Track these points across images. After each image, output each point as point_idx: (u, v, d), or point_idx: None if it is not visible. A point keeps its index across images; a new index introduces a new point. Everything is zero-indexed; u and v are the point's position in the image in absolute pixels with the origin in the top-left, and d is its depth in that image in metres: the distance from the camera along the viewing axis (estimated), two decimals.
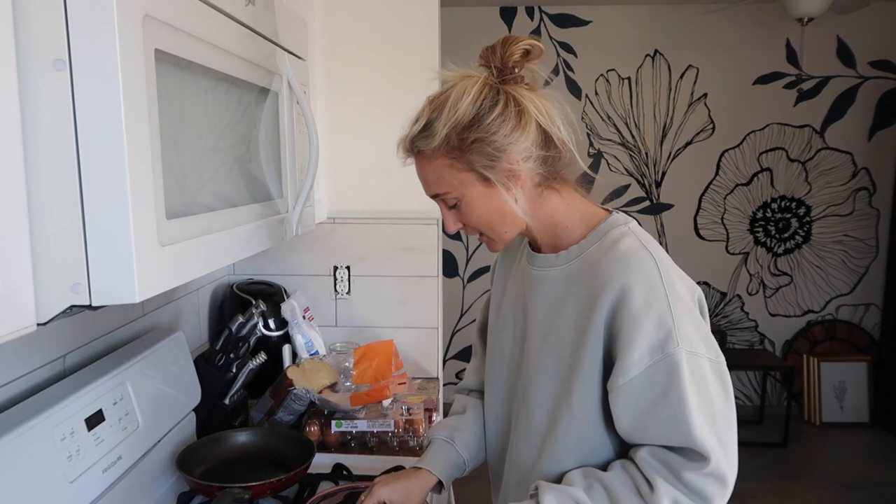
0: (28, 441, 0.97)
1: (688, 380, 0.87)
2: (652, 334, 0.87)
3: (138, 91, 0.71)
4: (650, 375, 0.88)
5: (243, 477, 1.29)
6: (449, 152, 0.93)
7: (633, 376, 0.88)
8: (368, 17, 1.88)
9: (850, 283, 4.19)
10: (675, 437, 0.89)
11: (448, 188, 0.95)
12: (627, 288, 0.89)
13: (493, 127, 0.91)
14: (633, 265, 0.90)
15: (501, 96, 0.92)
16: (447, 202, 0.98)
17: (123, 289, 0.71)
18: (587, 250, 0.97)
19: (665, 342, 0.87)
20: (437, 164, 0.94)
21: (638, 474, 0.91)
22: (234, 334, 1.55)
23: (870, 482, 3.43)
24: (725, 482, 0.91)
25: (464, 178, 0.94)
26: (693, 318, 0.91)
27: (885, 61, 3.98)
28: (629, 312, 0.88)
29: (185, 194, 0.87)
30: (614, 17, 3.98)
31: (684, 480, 0.88)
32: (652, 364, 0.87)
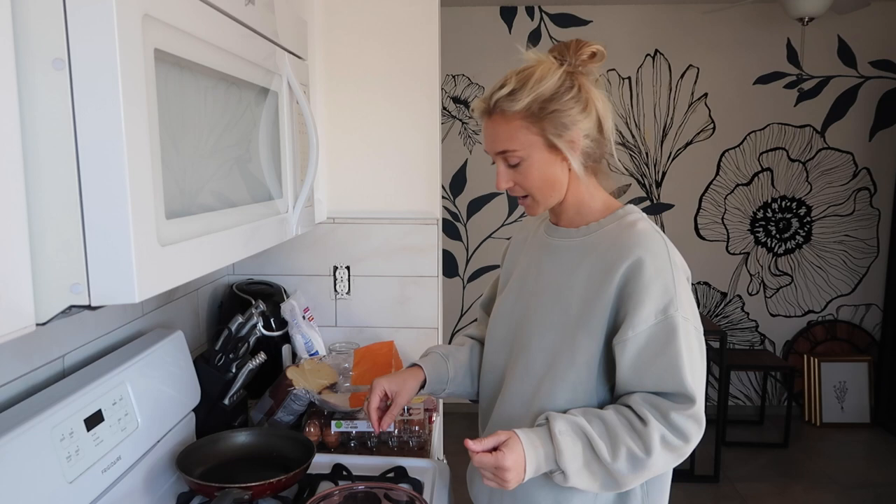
0: (27, 441, 0.97)
1: (682, 338, 1.04)
2: (658, 299, 1.05)
3: (138, 91, 0.71)
4: (654, 332, 1.05)
5: (243, 477, 1.29)
6: (527, 117, 1.07)
7: (640, 331, 1.04)
8: (368, 17, 1.88)
9: (851, 283, 4.19)
10: (669, 383, 1.05)
11: (517, 146, 1.09)
12: (641, 259, 1.06)
13: (568, 104, 1.07)
14: (648, 242, 1.07)
15: (576, 83, 1.09)
16: (510, 160, 1.11)
17: (123, 289, 0.71)
18: (605, 227, 1.14)
19: (668, 306, 1.05)
20: (515, 124, 1.08)
21: (631, 413, 1.06)
22: (233, 334, 1.55)
23: (870, 482, 3.43)
24: (701, 424, 1.06)
25: (533, 140, 1.09)
26: (688, 292, 1.09)
27: (886, 61, 3.98)
28: (641, 279, 1.05)
29: (185, 194, 0.87)
30: (614, 17, 3.98)
31: (670, 420, 1.04)
32: (656, 323, 1.05)
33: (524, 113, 1.07)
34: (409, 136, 1.93)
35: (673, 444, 1.04)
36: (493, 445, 1.03)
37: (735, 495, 3.29)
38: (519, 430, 1.06)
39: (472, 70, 4.05)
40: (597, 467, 1.05)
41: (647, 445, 1.03)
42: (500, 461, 1.01)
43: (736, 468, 3.55)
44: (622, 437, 1.04)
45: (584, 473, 1.04)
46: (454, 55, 3.99)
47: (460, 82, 4.07)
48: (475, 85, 4.07)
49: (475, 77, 4.06)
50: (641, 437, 1.03)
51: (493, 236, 4.17)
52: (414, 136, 1.93)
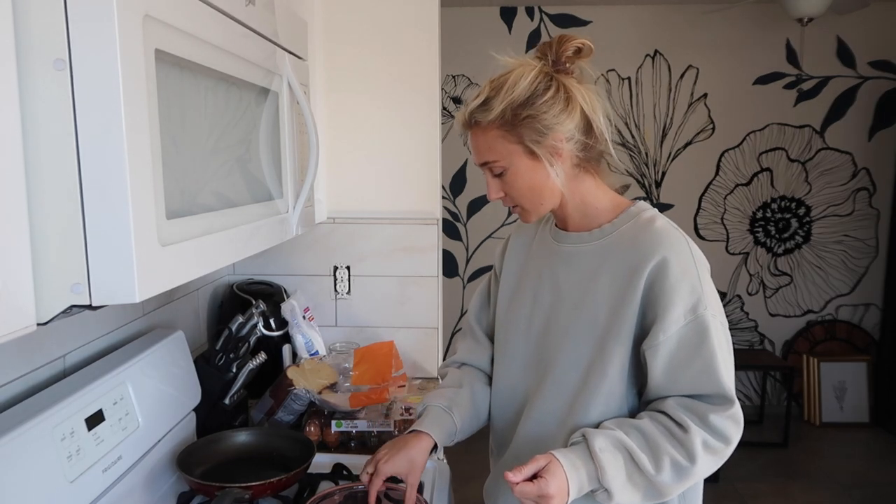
0: (28, 441, 0.97)
1: (714, 337, 1.01)
2: (686, 299, 1.02)
3: (138, 91, 0.72)
4: (685, 333, 1.02)
5: (243, 477, 1.29)
6: (502, 125, 1.05)
7: (670, 334, 1.01)
8: (368, 17, 1.88)
9: (850, 283, 4.19)
10: (706, 386, 1.02)
11: (497, 157, 1.08)
12: (666, 259, 1.03)
13: (543, 108, 1.04)
14: (670, 241, 1.05)
15: (553, 83, 1.05)
16: (493, 170, 1.09)
17: (123, 289, 0.71)
18: (620, 228, 1.10)
19: (696, 305, 1.02)
20: (491, 135, 1.07)
21: (668, 420, 1.02)
22: (234, 334, 1.55)
23: (870, 482, 3.43)
24: (740, 424, 1.04)
25: (513, 149, 1.06)
26: (712, 288, 1.07)
27: (885, 61, 3.98)
28: (668, 280, 1.02)
29: (185, 194, 0.87)
30: (614, 17, 3.98)
31: (710, 423, 1.01)
32: (686, 324, 1.01)
33: (499, 122, 1.05)
34: (410, 136, 1.93)
35: (715, 448, 1.01)
36: (534, 472, 0.97)
37: (735, 495, 3.29)
38: (557, 453, 1.00)
39: (472, 70, 4.05)
40: (640, 480, 1.01)
41: (690, 453, 1.00)
42: (543, 489, 0.95)
43: (736, 468, 3.55)
44: (664, 447, 1.00)
45: (627, 488, 1.01)
46: (454, 55, 3.99)
47: (460, 82, 4.08)
48: (475, 85, 4.07)
49: (475, 77, 4.06)
50: (683, 445, 1.00)
51: (493, 236, 4.17)
52: (414, 136, 1.93)
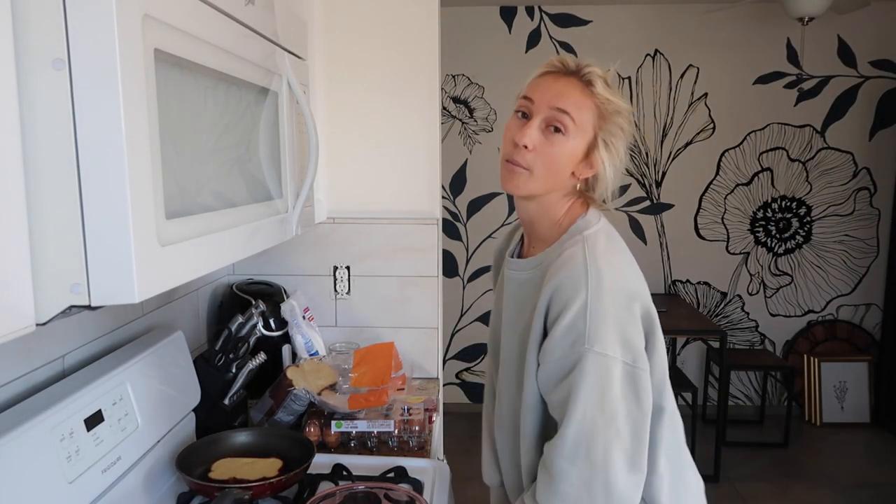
0: (27, 441, 0.97)
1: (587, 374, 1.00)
2: (567, 334, 1.01)
3: (138, 91, 0.71)
4: (560, 363, 1.03)
5: (243, 477, 1.29)
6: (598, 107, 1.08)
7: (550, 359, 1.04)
8: (368, 17, 1.88)
9: (851, 283, 4.19)
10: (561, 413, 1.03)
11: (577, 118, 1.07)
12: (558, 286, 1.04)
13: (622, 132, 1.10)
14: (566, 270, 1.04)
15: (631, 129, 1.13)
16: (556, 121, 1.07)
17: (123, 289, 0.71)
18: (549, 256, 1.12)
19: (575, 342, 1.01)
20: (590, 102, 1.08)
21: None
22: (233, 334, 1.55)
23: (870, 482, 3.43)
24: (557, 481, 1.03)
25: (586, 128, 1.08)
26: (617, 324, 1.02)
27: (886, 61, 3.98)
28: (554, 311, 1.04)
29: (185, 194, 0.87)
30: (614, 16, 3.98)
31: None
32: (562, 356, 1.03)
33: (598, 101, 1.07)
34: (410, 136, 1.93)
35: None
36: None
37: (735, 495, 3.29)
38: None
39: (472, 70, 4.05)
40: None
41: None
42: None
43: (736, 468, 3.55)
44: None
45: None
46: (454, 55, 3.98)
47: (460, 82, 4.07)
48: (475, 85, 4.07)
49: (475, 77, 4.06)
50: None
51: (493, 236, 4.16)
52: (414, 136, 1.93)
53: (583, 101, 1.07)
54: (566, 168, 1.09)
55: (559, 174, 1.09)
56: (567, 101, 1.06)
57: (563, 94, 1.07)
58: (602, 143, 1.08)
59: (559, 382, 1.03)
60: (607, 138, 1.08)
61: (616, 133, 1.09)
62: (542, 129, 1.07)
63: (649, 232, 4.18)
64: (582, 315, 1.00)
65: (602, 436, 1.00)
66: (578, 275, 1.02)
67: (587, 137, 1.08)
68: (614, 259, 1.08)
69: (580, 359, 1.00)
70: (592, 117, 1.07)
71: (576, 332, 1.00)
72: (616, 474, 1.00)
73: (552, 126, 1.06)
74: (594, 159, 1.09)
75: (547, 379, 1.06)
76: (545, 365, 1.05)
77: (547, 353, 1.04)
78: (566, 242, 1.10)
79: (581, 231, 1.10)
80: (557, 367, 1.03)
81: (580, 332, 1.00)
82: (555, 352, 1.03)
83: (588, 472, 1.00)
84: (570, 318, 1.01)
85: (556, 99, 1.07)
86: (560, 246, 1.10)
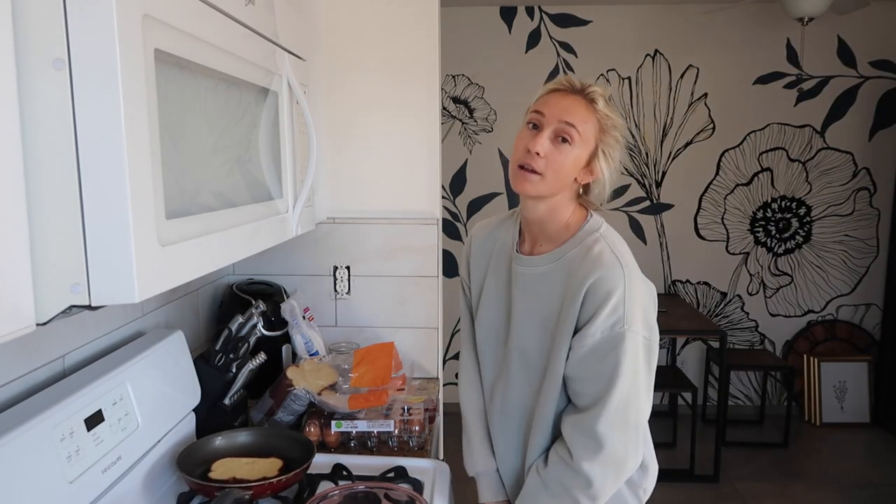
0: (28, 441, 0.97)
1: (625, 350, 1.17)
2: (608, 317, 1.17)
3: (138, 91, 0.71)
4: (600, 342, 1.18)
5: (243, 477, 1.29)
6: (599, 122, 1.22)
7: (588, 342, 1.19)
8: (368, 17, 1.88)
9: (851, 283, 4.19)
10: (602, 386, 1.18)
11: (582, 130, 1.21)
12: (596, 282, 1.18)
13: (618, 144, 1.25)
14: (603, 266, 1.19)
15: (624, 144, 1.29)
16: (564, 134, 1.20)
17: (123, 289, 0.71)
18: (567, 253, 1.25)
19: (615, 324, 1.17)
20: (593, 117, 1.22)
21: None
22: (233, 334, 1.55)
23: (870, 482, 3.43)
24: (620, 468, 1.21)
25: (590, 139, 1.22)
26: (642, 307, 1.21)
27: (886, 61, 3.98)
28: (593, 301, 1.18)
29: (185, 194, 0.87)
30: (614, 16, 3.98)
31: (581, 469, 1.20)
32: (602, 337, 1.18)
33: (599, 117, 1.22)
34: (410, 136, 1.93)
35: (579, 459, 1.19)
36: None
37: (735, 495, 3.29)
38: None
39: (472, 70, 4.05)
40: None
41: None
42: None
43: (736, 468, 3.55)
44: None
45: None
46: (454, 55, 3.98)
47: (460, 82, 4.07)
48: (475, 85, 4.07)
49: (475, 77, 4.06)
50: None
51: None
52: (414, 136, 1.93)
53: (587, 116, 1.21)
54: (571, 174, 1.23)
55: (565, 179, 1.23)
56: (574, 115, 1.21)
57: (570, 109, 1.21)
58: (602, 154, 1.23)
59: (601, 359, 1.18)
60: (606, 149, 1.23)
61: (613, 144, 1.24)
62: (551, 140, 1.21)
63: (649, 232, 4.18)
64: (622, 302, 1.17)
65: (634, 403, 1.19)
66: (615, 268, 1.19)
67: (589, 148, 1.22)
68: (627, 250, 1.26)
69: (621, 339, 1.17)
70: (594, 130, 1.22)
71: (616, 315, 1.17)
72: (640, 434, 1.22)
73: (560, 137, 1.20)
74: (594, 167, 1.24)
75: (584, 359, 1.19)
76: (583, 348, 1.19)
77: (587, 336, 1.18)
78: (586, 240, 1.25)
79: (595, 230, 1.26)
80: (599, 346, 1.18)
81: (620, 315, 1.17)
82: (595, 335, 1.18)
83: (625, 436, 1.19)
84: (612, 304, 1.17)
85: (565, 113, 1.21)
86: (579, 242, 1.25)
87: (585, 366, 1.20)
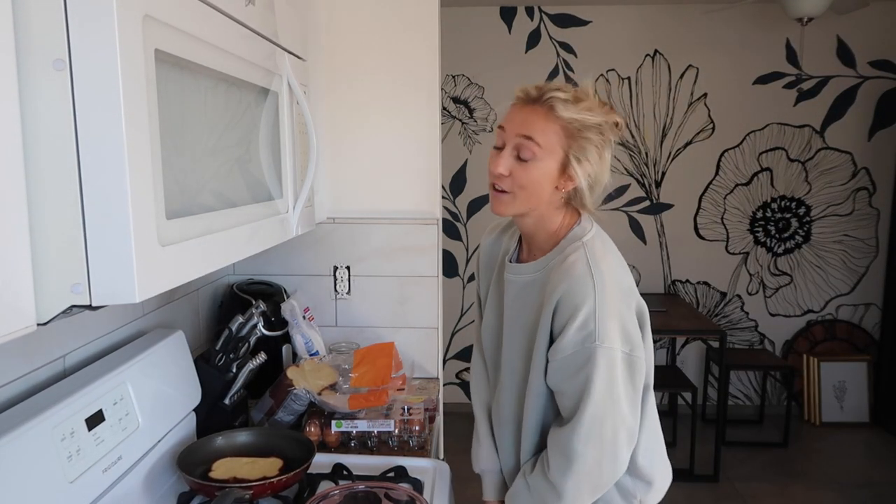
0: (28, 441, 0.97)
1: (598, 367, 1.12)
2: (577, 332, 1.13)
3: (138, 91, 0.72)
4: (572, 358, 1.14)
5: (244, 477, 1.29)
6: (564, 128, 1.14)
7: (561, 357, 1.15)
8: (368, 17, 1.88)
9: (850, 282, 4.19)
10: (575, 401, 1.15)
11: (543, 143, 1.15)
12: (564, 297, 1.15)
13: (595, 143, 1.16)
14: (573, 277, 1.15)
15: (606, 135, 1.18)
16: (524, 150, 1.16)
17: (123, 289, 0.71)
18: (549, 263, 1.22)
19: (585, 339, 1.13)
20: (553, 126, 1.14)
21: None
22: (234, 334, 1.55)
23: (870, 482, 3.43)
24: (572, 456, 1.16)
25: (556, 149, 1.15)
26: (619, 320, 1.15)
27: (885, 61, 3.98)
28: (563, 314, 1.14)
29: (185, 194, 0.87)
30: (614, 17, 3.98)
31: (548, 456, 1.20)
32: (573, 353, 1.14)
33: (564, 122, 1.14)
34: (410, 136, 1.93)
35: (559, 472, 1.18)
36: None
37: (735, 495, 3.29)
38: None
39: (472, 70, 4.05)
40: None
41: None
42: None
43: (736, 468, 3.55)
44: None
45: None
46: (454, 55, 3.98)
47: (460, 82, 4.08)
48: (475, 85, 4.07)
49: (475, 77, 4.06)
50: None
51: None
52: (414, 136, 1.93)
53: (546, 125, 1.14)
54: (544, 186, 1.17)
55: (538, 193, 1.18)
56: (531, 127, 1.15)
57: (526, 121, 1.16)
58: (574, 159, 1.15)
59: (573, 375, 1.14)
60: (578, 154, 1.15)
61: (586, 147, 1.15)
62: (515, 157, 1.17)
63: (649, 232, 4.18)
64: (592, 316, 1.12)
65: (610, 418, 1.14)
66: (585, 281, 1.14)
67: (558, 156, 1.16)
68: (610, 260, 1.20)
69: (591, 354, 1.12)
70: (559, 138, 1.15)
71: (586, 330, 1.12)
72: (620, 448, 1.17)
73: (520, 153, 1.16)
74: (571, 173, 1.17)
75: (558, 372, 1.17)
76: (556, 361, 1.16)
77: (559, 350, 1.15)
78: (567, 248, 1.20)
79: (579, 238, 1.21)
80: (570, 361, 1.14)
81: (591, 330, 1.12)
82: (566, 349, 1.14)
83: (599, 451, 1.15)
84: (581, 319, 1.12)
85: (522, 127, 1.16)
86: (561, 251, 1.21)
87: (560, 380, 1.18)
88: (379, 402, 1.57)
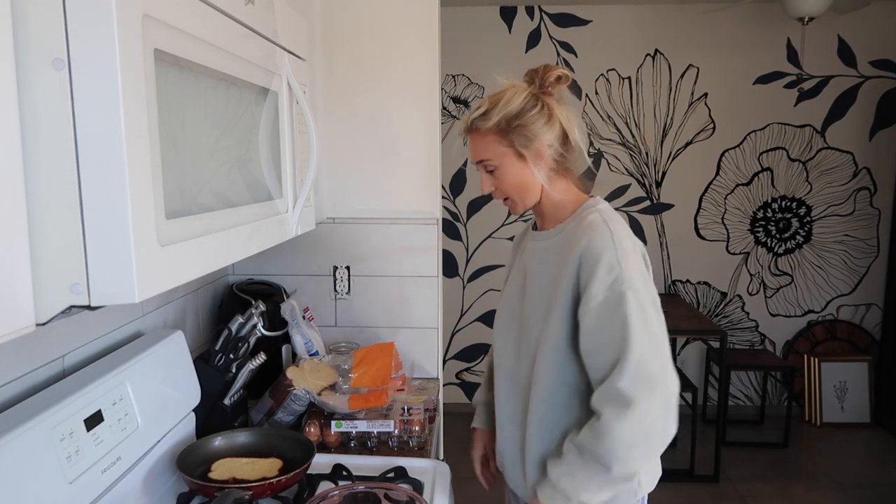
0: (27, 441, 0.97)
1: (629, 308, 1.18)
2: (604, 277, 1.20)
3: (138, 91, 0.71)
4: (603, 303, 1.20)
5: (243, 477, 1.29)
6: (498, 132, 1.28)
7: (592, 305, 1.21)
8: (368, 17, 1.88)
9: (851, 282, 4.19)
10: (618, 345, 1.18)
11: (491, 156, 1.30)
12: (587, 246, 1.24)
13: (531, 119, 1.27)
14: (593, 231, 1.25)
15: (539, 102, 1.28)
16: (487, 167, 1.32)
17: (123, 289, 0.71)
18: (569, 226, 1.33)
19: (613, 283, 1.20)
20: (489, 138, 1.29)
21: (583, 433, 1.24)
22: (233, 334, 1.55)
23: (870, 482, 3.43)
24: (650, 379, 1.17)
25: (504, 151, 1.29)
26: (637, 267, 1.24)
27: (886, 61, 3.98)
28: (589, 262, 1.22)
29: (185, 194, 0.87)
30: (614, 16, 3.98)
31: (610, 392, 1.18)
32: (604, 298, 1.20)
33: (495, 128, 1.28)
34: (409, 136, 1.93)
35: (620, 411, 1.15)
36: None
37: (735, 495, 3.29)
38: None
39: (472, 70, 4.05)
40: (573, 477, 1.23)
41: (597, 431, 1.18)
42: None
43: (736, 468, 3.55)
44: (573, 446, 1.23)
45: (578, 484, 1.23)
46: (454, 55, 3.98)
47: (460, 82, 4.07)
48: (475, 85, 4.07)
49: (475, 77, 4.06)
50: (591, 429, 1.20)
51: (493, 236, 4.17)
52: (414, 136, 1.93)
53: (484, 144, 1.30)
54: (524, 179, 1.31)
55: (525, 186, 1.32)
56: (476, 154, 1.32)
57: (473, 149, 1.33)
58: (522, 147, 1.28)
59: (609, 321, 1.19)
60: (522, 140, 1.27)
61: (525, 128, 1.27)
62: (487, 174, 1.32)
63: (649, 232, 4.18)
64: (616, 262, 1.21)
65: (654, 357, 1.18)
66: (603, 233, 1.24)
67: (510, 154, 1.29)
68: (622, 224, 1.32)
69: (622, 296, 1.18)
70: (498, 143, 1.29)
71: (613, 274, 1.20)
72: (668, 381, 1.19)
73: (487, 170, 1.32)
74: (533, 154, 1.28)
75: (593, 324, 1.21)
76: (589, 313, 1.21)
77: (590, 299, 1.21)
78: (583, 213, 1.32)
79: (593, 206, 1.32)
80: (603, 309, 1.20)
81: (617, 274, 1.20)
82: (598, 296, 1.20)
83: (650, 390, 1.16)
84: (605, 264, 1.20)
85: (474, 155, 1.33)
86: (577, 217, 1.32)
87: (595, 331, 1.21)
88: (379, 402, 1.57)
